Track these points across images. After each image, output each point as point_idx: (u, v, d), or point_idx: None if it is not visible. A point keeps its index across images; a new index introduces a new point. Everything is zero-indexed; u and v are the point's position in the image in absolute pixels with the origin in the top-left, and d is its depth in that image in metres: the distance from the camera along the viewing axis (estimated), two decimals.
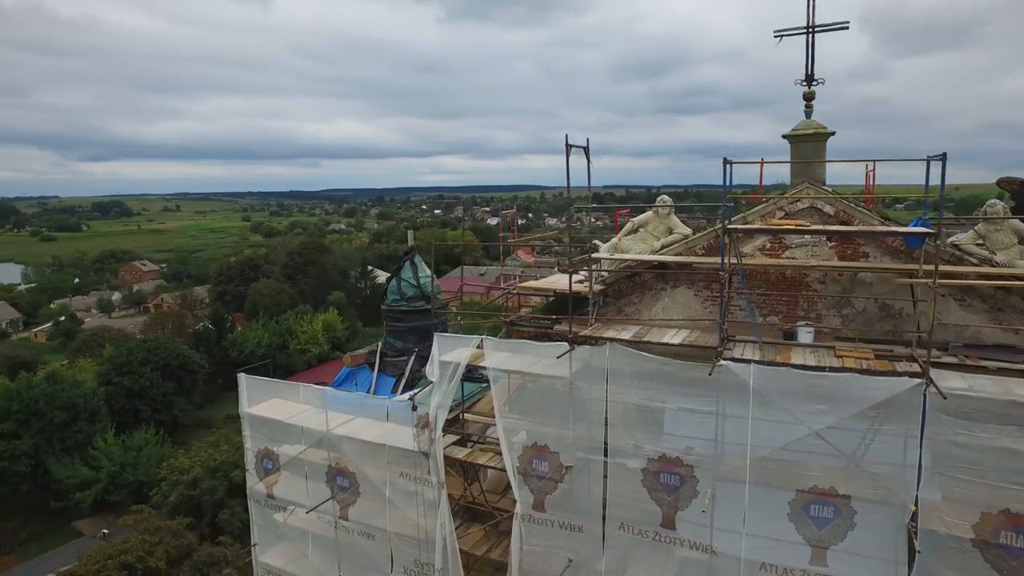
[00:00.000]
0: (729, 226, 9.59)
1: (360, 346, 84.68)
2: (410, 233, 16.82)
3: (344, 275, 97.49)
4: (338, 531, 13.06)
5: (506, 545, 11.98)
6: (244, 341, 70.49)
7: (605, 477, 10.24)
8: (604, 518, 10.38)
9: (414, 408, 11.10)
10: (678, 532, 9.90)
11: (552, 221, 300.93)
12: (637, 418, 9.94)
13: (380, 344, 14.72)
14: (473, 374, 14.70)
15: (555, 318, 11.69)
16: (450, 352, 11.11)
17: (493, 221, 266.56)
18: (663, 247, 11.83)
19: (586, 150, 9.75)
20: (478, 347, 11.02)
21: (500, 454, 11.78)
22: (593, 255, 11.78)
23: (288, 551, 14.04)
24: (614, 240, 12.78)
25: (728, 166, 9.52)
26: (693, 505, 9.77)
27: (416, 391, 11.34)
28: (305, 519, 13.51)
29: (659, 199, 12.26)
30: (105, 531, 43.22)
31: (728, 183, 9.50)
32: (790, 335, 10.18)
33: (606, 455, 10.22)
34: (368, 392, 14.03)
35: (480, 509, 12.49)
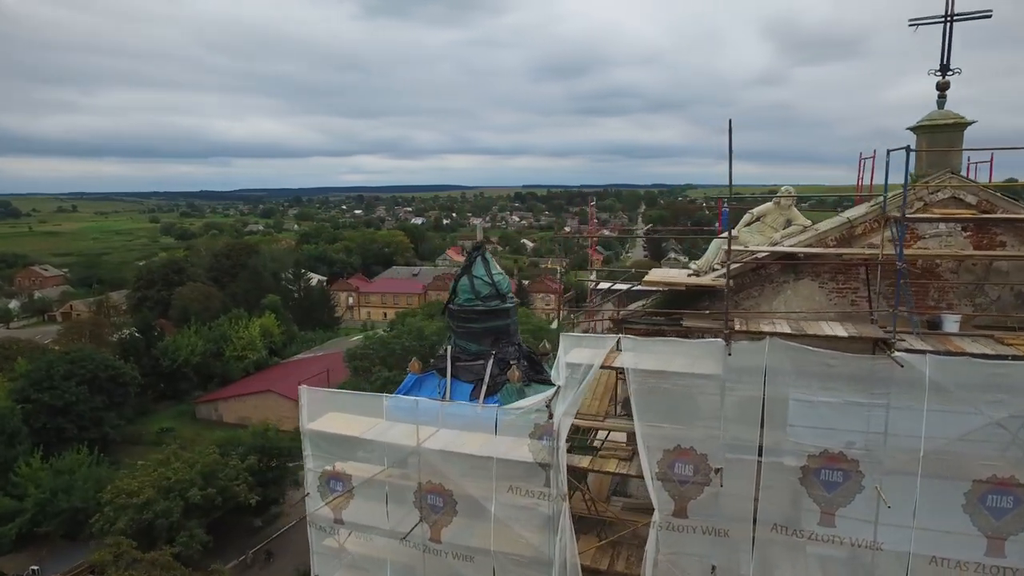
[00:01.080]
0: (908, 216, 9.16)
1: (298, 351, 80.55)
2: (479, 226, 15.48)
3: (276, 277, 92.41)
4: (426, 556, 11.69)
5: (627, 556, 11.12)
6: (176, 349, 65.13)
7: (758, 478, 9.59)
8: (754, 521, 9.73)
9: (551, 416, 10.00)
10: (837, 530, 9.40)
11: (476, 221, 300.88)
12: (796, 414, 9.35)
13: (448, 348, 13.39)
14: (540, 376, 13.65)
15: (672, 313, 10.90)
16: (579, 353, 10.10)
17: (418, 220, 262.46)
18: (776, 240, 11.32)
19: (729, 135, 8.95)
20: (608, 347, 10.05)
21: (625, 460, 10.90)
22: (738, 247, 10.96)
23: None
24: (732, 231, 12.13)
25: (888, 157, 9.08)
26: (856, 501, 9.30)
27: (548, 395, 10.23)
28: (380, 545, 12.04)
29: (782, 190, 11.73)
30: (35, 568, 38.43)
31: (905, 180, 9.10)
32: (934, 324, 9.93)
33: (760, 455, 9.57)
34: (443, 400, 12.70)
35: (587, 519, 11.53)
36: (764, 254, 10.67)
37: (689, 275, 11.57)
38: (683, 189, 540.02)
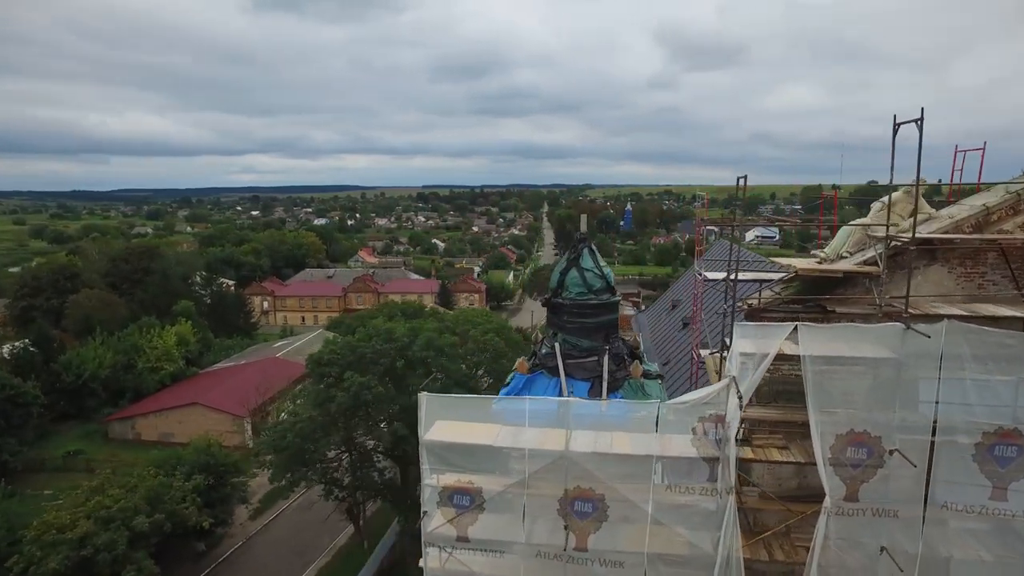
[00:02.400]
0: None
1: (217, 360, 74.36)
2: (583, 217, 14.54)
3: (186, 281, 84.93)
4: (568, 566, 10.81)
5: (779, 545, 10.87)
6: (81, 363, 57.96)
7: (929, 457, 9.66)
8: (925, 500, 9.80)
9: (742, 407, 9.49)
10: (1009, 504, 9.66)
11: (382, 221, 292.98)
12: (971, 393, 9.50)
13: (556, 345, 12.46)
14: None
15: (817, 300, 10.78)
16: (753, 342, 9.69)
17: (320, 221, 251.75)
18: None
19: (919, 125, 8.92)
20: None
21: (786, 448, 10.64)
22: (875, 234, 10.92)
23: None
24: (863, 220, 12.17)
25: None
26: None
27: (720, 386, 9.70)
28: (511, 561, 11.01)
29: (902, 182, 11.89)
30: None
31: None
32: None
33: (932, 434, 9.64)
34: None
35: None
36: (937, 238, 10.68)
37: (818, 262, 11.56)
38: (582, 189, 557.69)
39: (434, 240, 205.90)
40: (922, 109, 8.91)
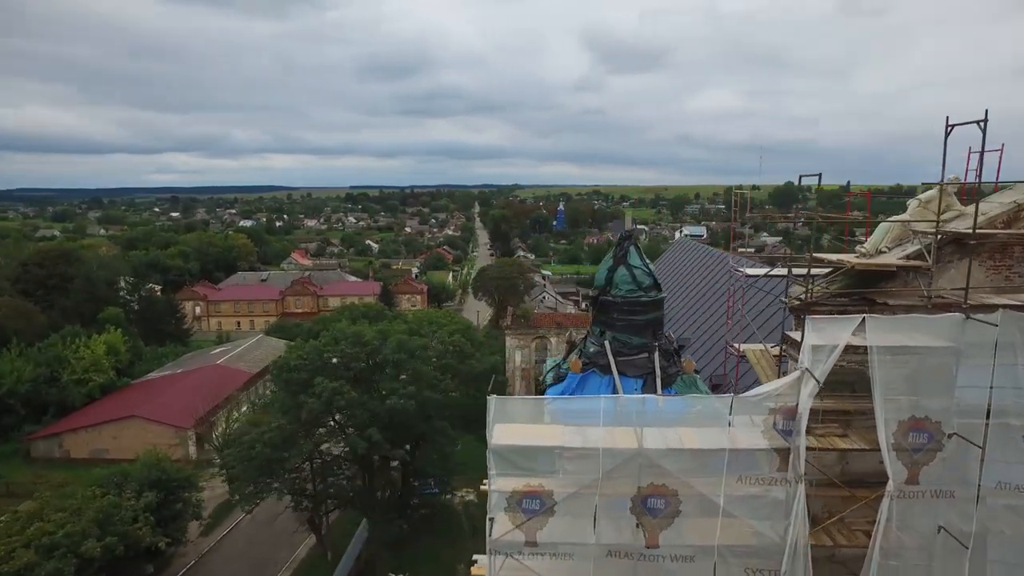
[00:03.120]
0: None
1: (150, 369, 69.47)
2: (628, 216, 14.27)
3: (112, 287, 78.93)
4: (639, 564, 10.65)
5: (838, 529, 11.13)
6: None
7: (984, 439, 10.14)
8: (979, 481, 10.28)
9: (820, 397, 9.60)
10: None
11: (311, 223, 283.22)
12: (1023, 378, 10.04)
13: (607, 343, 12.22)
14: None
15: (866, 292, 11.12)
16: (825, 334, 9.86)
17: (247, 223, 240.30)
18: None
19: (982, 128, 9.33)
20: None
21: (846, 436, 10.91)
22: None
23: None
24: (903, 216, 12.60)
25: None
26: None
27: (792, 379, 9.80)
28: (578, 563, 10.74)
29: (951, 177, 12.36)
30: None
31: None
32: None
33: (987, 418, 10.13)
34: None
35: None
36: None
37: (857, 257, 11.95)
38: (511, 189, 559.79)
39: (367, 241, 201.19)
40: (986, 111, 9.37)
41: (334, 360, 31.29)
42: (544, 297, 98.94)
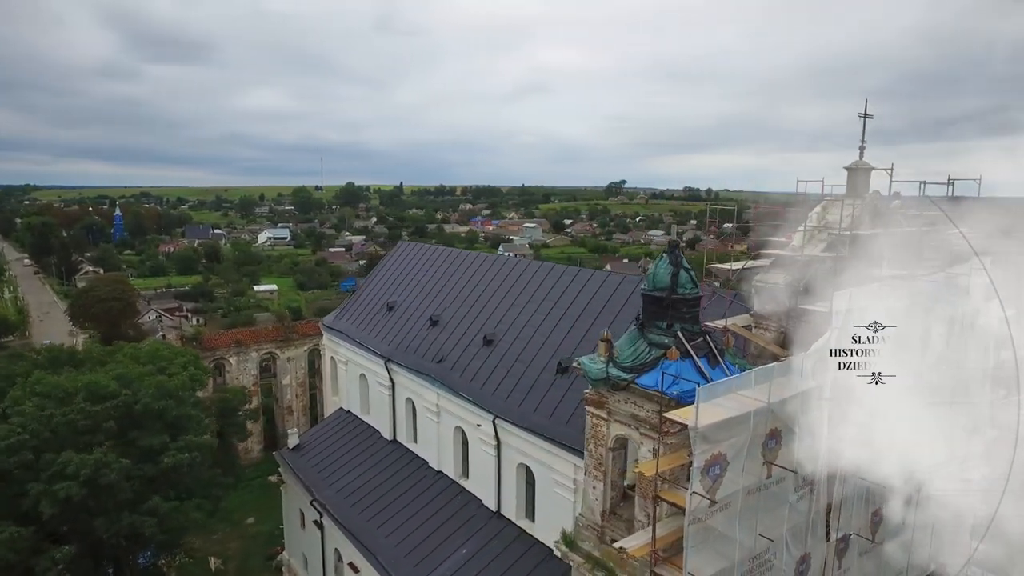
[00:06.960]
0: None
1: None
2: (673, 228, 15.42)
3: None
4: (761, 493, 13.53)
5: None
6: None
7: None
8: None
9: None
10: None
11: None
12: None
13: (679, 333, 14.13)
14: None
15: None
16: None
17: None
18: None
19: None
20: None
21: None
22: None
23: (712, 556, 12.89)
24: None
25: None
26: None
27: None
28: (725, 513, 13.02)
29: None
30: None
31: None
32: None
33: None
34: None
35: None
36: None
37: None
38: (24, 191, 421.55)
39: None
40: None
41: (77, 422, 22.32)
42: (160, 316, 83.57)
